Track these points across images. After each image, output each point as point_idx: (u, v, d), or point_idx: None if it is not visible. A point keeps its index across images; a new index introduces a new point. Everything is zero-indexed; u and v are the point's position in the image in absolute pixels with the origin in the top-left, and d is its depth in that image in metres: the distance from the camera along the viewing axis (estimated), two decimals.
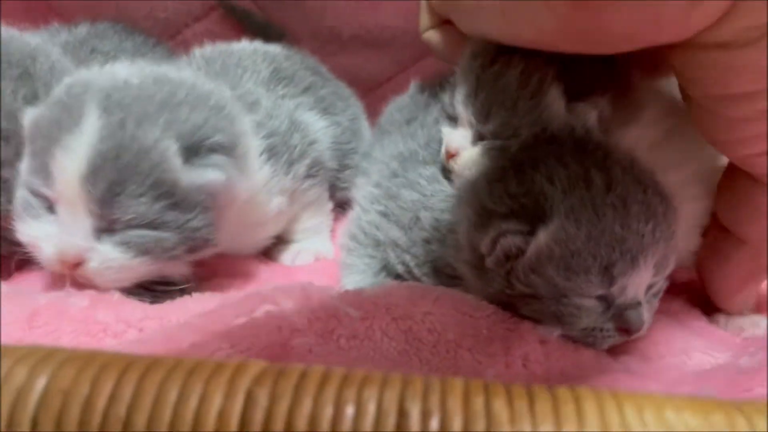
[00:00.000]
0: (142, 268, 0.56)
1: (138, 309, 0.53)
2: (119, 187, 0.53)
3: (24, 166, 0.57)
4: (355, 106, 0.89)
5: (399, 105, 0.80)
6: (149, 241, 0.55)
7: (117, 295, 0.54)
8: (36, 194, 0.56)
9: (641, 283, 0.53)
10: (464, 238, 0.57)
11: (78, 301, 0.52)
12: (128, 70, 0.59)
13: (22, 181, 0.57)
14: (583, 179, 0.53)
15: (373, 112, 0.89)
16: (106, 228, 0.55)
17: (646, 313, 0.54)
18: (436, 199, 0.63)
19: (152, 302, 0.57)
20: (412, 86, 0.82)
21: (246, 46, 0.81)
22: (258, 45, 0.82)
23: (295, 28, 0.97)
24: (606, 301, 0.53)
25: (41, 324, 0.50)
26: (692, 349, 0.58)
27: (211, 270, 0.64)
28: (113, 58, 0.77)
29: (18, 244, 0.58)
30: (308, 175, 0.72)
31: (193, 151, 0.57)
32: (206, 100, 0.60)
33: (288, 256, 0.73)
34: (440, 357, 0.52)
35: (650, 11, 0.43)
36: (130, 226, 0.55)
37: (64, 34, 0.80)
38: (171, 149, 0.55)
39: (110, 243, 0.55)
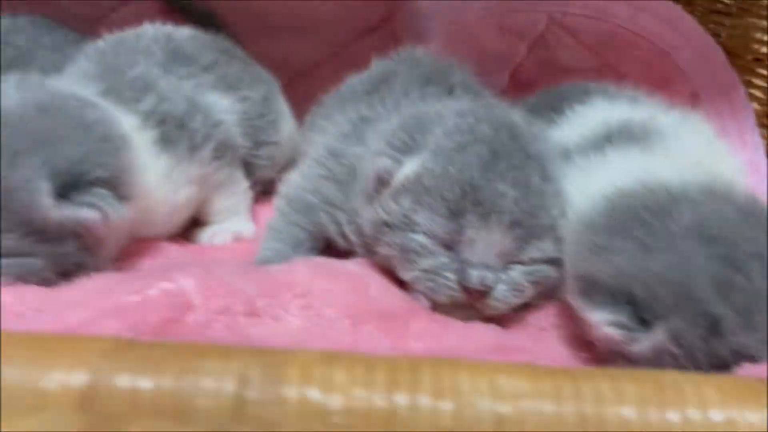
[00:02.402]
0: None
1: (37, 294, 0.53)
2: None
3: None
4: (268, 83, 0.88)
5: (359, 78, 0.83)
6: (16, 267, 0.56)
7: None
8: None
9: (493, 245, 0.54)
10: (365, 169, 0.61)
11: None
12: (15, 97, 0.59)
13: None
14: (466, 129, 0.57)
15: (306, 96, 0.89)
16: None
17: (503, 285, 0.55)
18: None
19: None
20: (372, 63, 0.85)
21: (148, 29, 0.80)
22: (161, 28, 0.82)
23: (225, 14, 0.97)
24: (452, 251, 0.55)
25: None
26: None
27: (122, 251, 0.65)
28: (28, 52, 0.77)
29: None
30: (215, 158, 0.72)
31: (69, 188, 0.57)
32: (90, 131, 0.60)
33: (204, 236, 0.74)
34: (340, 332, 0.54)
35: None
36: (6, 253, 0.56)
37: None
38: (42, 189, 0.55)
39: None
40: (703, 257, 0.47)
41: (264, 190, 0.83)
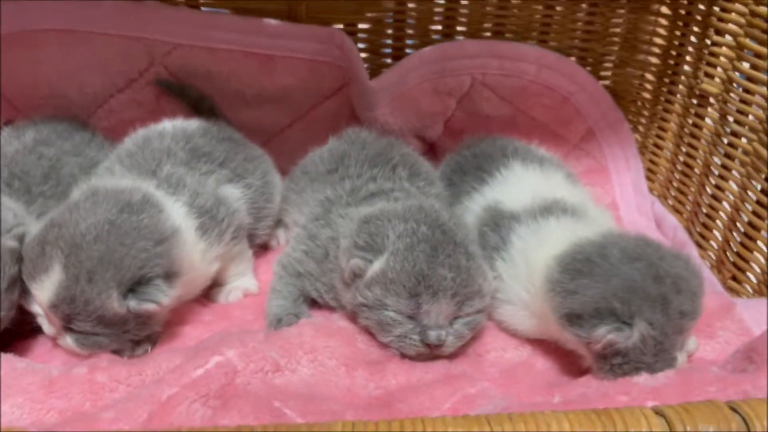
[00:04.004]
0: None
1: (123, 368, 0.74)
2: (72, 317, 0.74)
3: None
4: (264, 162, 1.03)
5: (320, 156, 1.02)
6: (91, 343, 0.77)
7: (105, 361, 0.76)
8: None
9: (442, 312, 0.75)
10: (339, 260, 0.82)
11: (79, 369, 0.74)
12: (87, 220, 0.74)
13: None
14: (411, 232, 0.78)
15: (275, 153, 1.10)
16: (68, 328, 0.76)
17: (451, 337, 0.77)
18: (342, 235, 0.85)
19: (130, 356, 0.80)
20: (330, 140, 1.05)
21: (167, 126, 0.96)
22: (177, 124, 0.97)
23: (207, 92, 1.15)
24: (414, 320, 0.76)
25: (57, 389, 0.71)
26: (508, 345, 0.85)
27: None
28: (57, 161, 0.93)
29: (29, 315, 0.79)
30: (233, 238, 0.89)
31: (133, 287, 0.74)
32: (149, 237, 0.75)
33: (222, 297, 0.93)
34: (339, 377, 0.77)
35: None
36: (80, 333, 0.76)
37: (15, 143, 0.93)
38: (113, 296, 0.73)
39: (69, 336, 0.77)
40: (637, 271, 0.71)
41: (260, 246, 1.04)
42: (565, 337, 0.77)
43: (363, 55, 1.18)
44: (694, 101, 1.12)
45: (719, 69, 1.05)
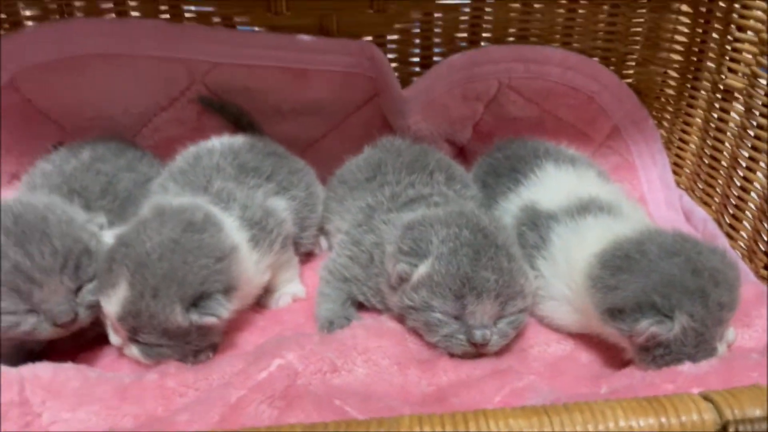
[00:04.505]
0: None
1: (191, 374, 0.79)
2: (138, 329, 0.79)
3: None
4: (308, 174, 1.07)
5: (357, 164, 1.05)
6: (156, 353, 0.81)
7: (173, 367, 0.80)
8: None
9: (487, 312, 0.79)
10: (386, 265, 0.86)
11: (150, 376, 0.78)
12: (152, 240, 0.78)
13: None
14: (454, 237, 0.82)
15: (311, 163, 1.14)
16: (133, 339, 0.81)
17: (495, 336, 0.80)
18: (386, 240, 0.88)
19: (193, 362, 0.84)
20: (365, 149, 1.09)
21: (214, 144, 1.01)
22: (225, 141, 1.01)
23: (246, 108, 1.19)
24: (460, 320, 0.79)
25: (131, 396, 0.76)
26: (550, 340, 0.89)
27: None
28: (114, 177, 0.98)
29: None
30: (282, 247, 0.93)
31: (195, 302, 0.78)
32: (210, 255, 0.78)
33: (273, 302, 0.97)
34: (392, 375, 0.81)
35: None
36: (145, 344, 0.80)
37: (73, 161, 0.98)
38: (176, 310, 0.76)
39: (135, 347, 0.81)
40: (676, 265, 0.75)
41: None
42: (607, 331, 0.80)
43: (393, 65, 1.21)
44: (719, 96, 1.14)
45: (742, 64, 1.08)
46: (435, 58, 1.25)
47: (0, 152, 1.11)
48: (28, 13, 1.12)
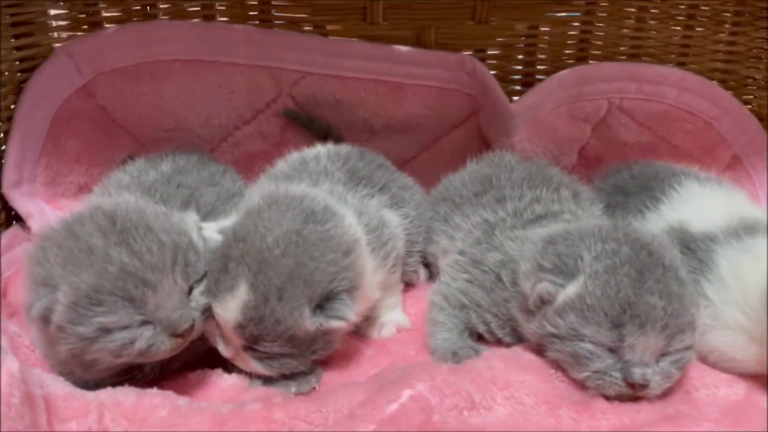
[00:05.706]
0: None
1: (301, 405, 0.65)
2: (259, 338, 0.67)
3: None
4: (418, 194, 0.97)
5: (462, 180, 0.95)
6: (279, 364, 0.70)
7: (279, 397, 0.67)
8: None
9: (649, 346, 0.66)
10: (521, 286, 0.72)
11: (253, 406, 0.65)
12: (273, 233, 0.68)
13: None
14: (612, 253, 0.69)
15: None
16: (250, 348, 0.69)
17: (657, 376, 0.66)
18: (517, 258, 0.76)
19: (296, 392, 0.71)
20: (469, 165, 0.98)
21: (320, 150, 0.91)
22: (329, 148, 0.92)
23: (334, 123, 1.10)
24: (616, 354, 0.67)
25: (231, 428, 0.62)
26: (719, 382, 0.75)
27: None
28: (196, 190, 0.88)
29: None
30: (393, 265, 0.83)
31: (322, 302, 0.68)
32: (335, 249, 0.69)
33: (375, 331, 0.85)
34: (540, 416, 0.67)
35: None
36: (266, 355, 0.69)
37: (153, 172, 0.90)
38: (304, 314, 0.67)
39: (252, 358, 0.70)
40: None
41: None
42: None
43: None
44: None
45: None
46: (539, 76, 1.15)
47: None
48: (108, 14, 1.04)
